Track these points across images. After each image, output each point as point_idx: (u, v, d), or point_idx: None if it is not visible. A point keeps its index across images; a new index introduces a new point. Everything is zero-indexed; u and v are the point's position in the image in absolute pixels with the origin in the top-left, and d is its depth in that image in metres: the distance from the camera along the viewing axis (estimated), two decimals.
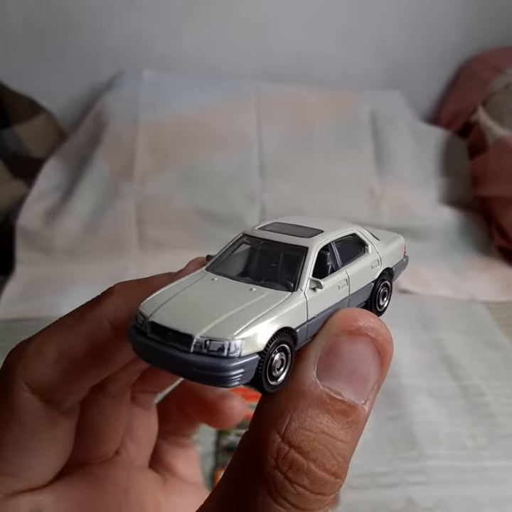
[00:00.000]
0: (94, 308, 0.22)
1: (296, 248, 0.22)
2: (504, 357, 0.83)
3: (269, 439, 0.16)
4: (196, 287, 0.21)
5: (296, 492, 0.16)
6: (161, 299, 0.20)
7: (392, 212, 1.12)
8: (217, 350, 0.18)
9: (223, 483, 0.18)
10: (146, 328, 0.19)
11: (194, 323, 0.19)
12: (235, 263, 0.23)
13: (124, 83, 1.24)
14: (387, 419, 0.71)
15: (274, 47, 1.34)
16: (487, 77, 1.28)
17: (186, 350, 0.18)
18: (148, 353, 0.19)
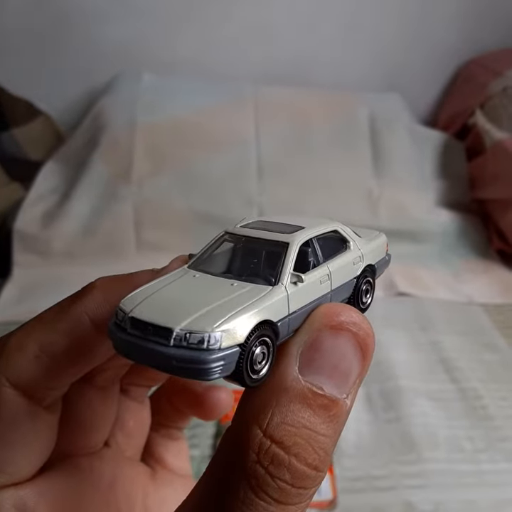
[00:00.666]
0: (75, 304, 0.22)
1: (277, 244, 0.22)
2: (502, 359, 0.83)
3: (250, 434, 0.17)
4: (177, 284, 0.21)
5: (278, 486, 0.16)
6: (141, 296, 0.20)
7: (390, 215, 1.12)
8: (197, 343, 0.18)
9: (204, 479, 0.18)
10: (126, 324, 0.19)
11: (174, 316, 0.19)
12: (217, 261, 0.23)
13: (122, 86, 1.24)
14: (385, 422, 0.71)
15: (273, 50, 1.34)
16: (485, 80, 1.28)
17: (166, 344, 0.18)
18: (129, 348, 0.19)
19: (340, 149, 1.19)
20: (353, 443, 0.68)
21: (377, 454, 0.67)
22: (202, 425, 0.70)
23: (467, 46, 1.38)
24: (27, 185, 1.13)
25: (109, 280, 0.23)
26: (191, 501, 0.18)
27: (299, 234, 0.23)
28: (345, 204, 1.12)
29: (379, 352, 0.82)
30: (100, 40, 1.29)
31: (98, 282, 0.23)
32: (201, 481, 0.18)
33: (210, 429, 0.69)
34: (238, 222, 0.25)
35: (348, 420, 0.62)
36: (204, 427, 0.69)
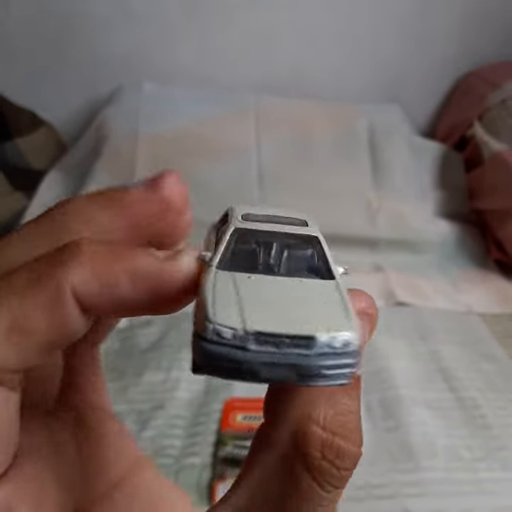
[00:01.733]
0: (54, 271, 0.18)
1: (307, 238, 0.21)
2: (500, 369, 0.84)
3: (309, 432, 0.17)
4: (246, 286, 0.18)
5: (341, 475, 0.17)
6: (226, 304, 0.17)
7: (389, 225, 1.13)
8: (342, 346, 0.17)
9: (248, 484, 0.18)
10: (244, 341, 0.16)
11: (304, 322, 0.17)
12: (243, 259, 0.20)
13: (124, 96, 1.26)
14: (384, 431, 0.71)
15: (274, 60, 1.36)
16: (483, 92, 1.29)
17: (308, 354, 0.16)
18: (258, 368, 0.17)
19: (339, 160, 1.21)
20: None
21: (376, 462, 0.67)
22: (201, 434, 0.70)
23: (466, 58, 1.40)
24: (30, 195, 1.14)
25: (101, 251, 0.18)
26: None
27: (316, 229, 0.22)
28: (345, 214, 1.13)
29: (378, 361, 0.83)
30: (103, 50, 1.30)
31: (86, 249, 0.18)
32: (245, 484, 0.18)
33: (210, 437, 0.70)
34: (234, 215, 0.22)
35: None
36: (205, 435, 0.70)
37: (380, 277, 1.05)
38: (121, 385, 0.76)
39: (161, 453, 0.67)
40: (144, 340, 0.86)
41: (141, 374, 0.78)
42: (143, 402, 0.74)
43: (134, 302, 0.18)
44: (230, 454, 0.67)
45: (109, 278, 0.18)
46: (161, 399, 0.74)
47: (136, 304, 0.18)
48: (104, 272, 0.18)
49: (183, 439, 0.69)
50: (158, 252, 0.19)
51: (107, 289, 0.18)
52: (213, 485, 0.63)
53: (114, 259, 0.18)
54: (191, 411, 0.73)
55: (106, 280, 0.18)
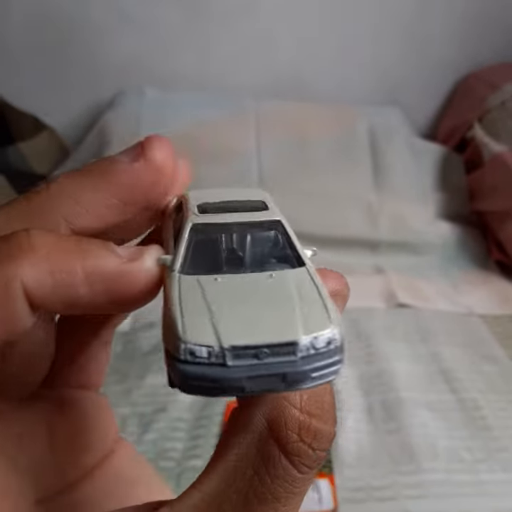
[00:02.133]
0: (3, 267, 0.16)
1: (268, 223, 0.20)
2: (501, 370, 0.84)
3: (285, 415, 0.16)
4: (214, 291, 0.17)
5: (318, 456, 0.17)
6: (196, 317, 0.16)
7: (390, 227, 1.13)
8: (326, 345, 0.16)
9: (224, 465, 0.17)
10: (221, 358, 0.15)
11: (281, 327, 0.16)
12: (205, 257, 0.19)
13: (126, 101, 1.27)
14: (386, 433, 0.72)
15: (274, 64, 1.37)
16: (483, 93, 1.30)
17: (294, 360, 0.16)
18: (241, 384, 0.16)
19: (340, 162, 1.21)
20: (354, 453, 0.69)
21: (377, 464, 0.67)
22: (203, 436, 0.71)
23: (466, 61, 1.40)
24: None
25: (54, 243, 0.17)
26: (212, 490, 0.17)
27: (276, 210, 0.21)
28: (346, 216, 1.14)
29: (379, 363, 0.83)
30: (104, 55, 1.31)
31: (40, 241, 0.17)
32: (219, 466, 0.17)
33: (212, 439, 0.70)
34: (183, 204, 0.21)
35: (349, 431, 0.63)
36: (206, 438, 0.70)
37: (381, 279, 1.05)
38: (123, 388, 0.77)
39: (163, 456, 0.67)
40: (146, 343, 0.86)
41: (144, 377, 0.79)
42: (145, 404, 0.74)
43: (90, 302, 0.17)
44: None
45: (63, 277, 0.16)
46: (163, 402, 0.75)
47: (91, 304, 0.17)
48: (59, 270, 0.16)
49: (185, 441, 0.70)
50: (120, 249, 0.18)
51: (62, 289, 0.16)
52: None
53: (70, 255, 0.17)
54: (193, 414, 0.74)
55: (60, 279, 0.16)
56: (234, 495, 0.17)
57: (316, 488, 0.63)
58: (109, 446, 0.24)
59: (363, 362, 0.83)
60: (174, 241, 0.20)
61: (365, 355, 0.85)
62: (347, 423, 0.72)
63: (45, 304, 0.17)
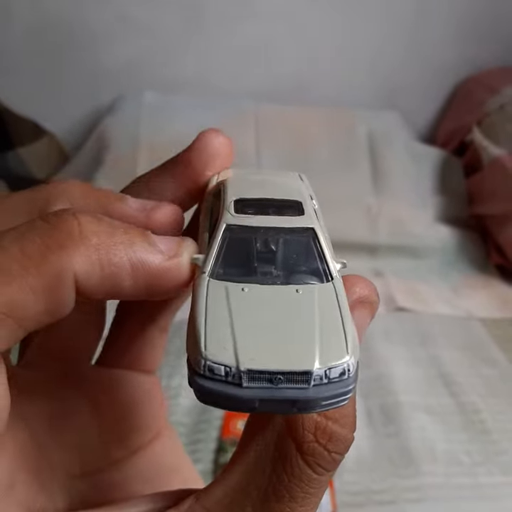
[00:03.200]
0: (55, 257, 0.16)
1: (301, 230, 0.20)
2: (500, 374, 0.84)
3: (302, 415, 0.17)
4: (239, 306, 0.17)
5: (333, 459, 0.17)
6: (218, 335, 0.17)
7: (389, 231, 1.13)
8: (339, 375, 0.16)
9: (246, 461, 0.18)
10: (237, 378, 0.16)
11: (298, 355, 0.16)
12: (236, 262, 0.19)
13: (126, 105, 1.27)
14: (385, 437, 0.72)
15: (274, 68, 1.37)
16: (482, 97, 1.30)
17: (306, 387, 0.16)
18: (253, 403, 0.16)
19: (339, 166, 1.21)
20: (353, 457, 0.68)
21: (376, 468, 0.67)
22: (202, 441, 0.70)
23: (465, 64, 1.41)
24: None
25: (102, 233, 0.17)
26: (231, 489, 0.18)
27: (312, 213, 0.21)
28: (345, 220, 1.14)
29: (378, 367, 0.83)
30: (104, 60, 1.32)
31: (90, 230, 0.17)
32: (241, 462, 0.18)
33: (211, 444, 0.70)
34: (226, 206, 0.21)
35: None
36: (206, 443, 0.70)
37: (380, 283, 1.05)
38: None
39: None
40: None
41: None
42: None
43: (130, 292, 0.18)
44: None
45: (112, 270, 0.17)
46: None
47: (131, 294, 0.18)
48: (109, 263, 0.17)
49: (184, 445, 0.70)
50: (159, 241, 0.18)
51: (109, 281, 0.17)
52: None
53: (118, 247, 0.17)
54: (192, 418, 0.74)
55: (109, 272, 0.17)
56: (254, 491, 0.17)
57: None
58: (155, 430, 0.25)
59: (362, 365, 0.82)
60: (209, 236, 0.20)
61: (364, 359, 0.84)
62: None
63: (91, 294, 0.17)
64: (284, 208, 0.21)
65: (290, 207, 0.21)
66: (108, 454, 0.23)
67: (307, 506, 0.17)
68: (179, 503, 0.18)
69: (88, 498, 0.22)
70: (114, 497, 0.23)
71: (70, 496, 0.21)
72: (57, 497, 0.21)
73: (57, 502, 0.21)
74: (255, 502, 0.17)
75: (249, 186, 0.22)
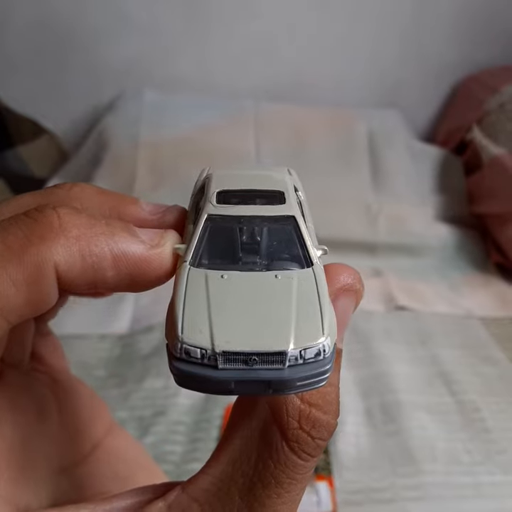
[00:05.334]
0: (35, 248, 0.16)
1: (281, 218, 0.20)
2: (500, 372, 0.84)
3: (286, 403, 0.17)
4: (217, 291, 0.18)
5: (317, 445, 0.17)
6: (195, 319, 0.17)
7: (389, 229, 1.13)
8: (315, 356, 0.16)
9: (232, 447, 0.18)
10: (213, 360, 0.16)
11: (273, 336, 0.17)
12: (220, 251, 0.19)
13: (125, 104, 1.27)
14: (385, 435, 0.72)
15: (274, 68, 1.37)
16: (482, 96, 1.30)
17: (281, 368, 0.16)
18: (229, 385, 0.16)
19: (339, 165, 1.21)
20: (353, 456, 0.69)
21: (376, 466, 0.67)
22: (202, 440, 0.71)
23: (464, 63, 1.40)
24: None
25: (83, 225, 0.17)
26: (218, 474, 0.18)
27: (293, 203, 0.21)
28: (345, 219, 1.14)
29: (378, 365, 0.83)
30: (104, 59, 1.31)
31: (70, 222, 0.17)
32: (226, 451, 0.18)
33: (211, 443, 0.70)
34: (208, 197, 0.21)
35: (348, 433, 0.63)
36: (206, 442, 0.70)
37: (380, 282, 1.05)
38: (122, 392, 0.77)
39: (162, 459, 0.67)
40: (144, 346, 0.86)
41: (142, 380, 0.79)
42: (144, 408, 0.74)
43: (113, 283, 0.18)
44: None
45: (93, 260, 0.17)
46: (162, 405, 0.75)
47: (114, 284, 0.18)
48: (90, 254, 0.17)
49: (184, 445, 0.70)
50: (140, 232, 0.18)
51: (90, 272, 0.17)
52: None
53: (99, 238, 0.17)
54: (192, 417, 0.74)
55: (90, 262, 0.17)
56: (240, 479, 0.17)
57: (315, 491, 0.63)
58: (107, 423, 0.25)
59: (362, 364, 0.83)
60: (193, 226, 0.20)
61: (363, 358, 0.85)
62: (346, 425, 0.72)
63: (73, 285, 0.17)
64: (266, 198, 0.21)
65: (272, 197, 0.21)
66: (78, 447, 0.23)
67: (293, 492, 0.17)
68: (166, 494, 0.18)
69: (70, 493, 0.22)
70: (91, 491, 0.23)
71: (53, 492, 0.21)
72: (42, 493, 0.21)
73: (42, 498, 0.21)
74: (242, 489, 0.17)
75: (232, 179, 0.22)
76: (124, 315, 0.94)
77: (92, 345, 0.86)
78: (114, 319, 0.92)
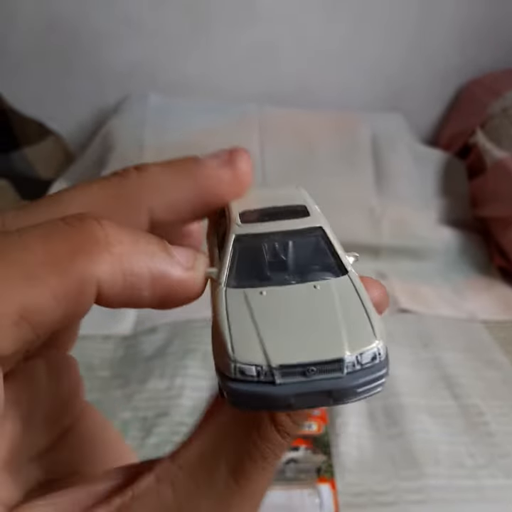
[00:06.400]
0: (79, 260, 0.16)
1: (310, 230, 0.20)
2: (503, 376, 0.84)
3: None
4: (260, 308, 0.18)
5: (296, 426, 0.18)
6: (244, 337, 0.17)
7: (392, 233, 1.14)
8: (371, 360, 0.16)
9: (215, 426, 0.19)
10: (269, 376, 0.16)
11: (327, 344, 0.16)
12: (250, 269, 0.19)
13: (131, 107, 1.28)
14: (387, 438, 0.72)
15: (278, 72, 1.37)
16: (486, 100, 1.30)
17: (340, 376, 0.16)
18: (292, 400, 0.16)
19: (343, 168, 1.21)
20: (355, 458, 0.69)
21: (379, 469, 0.67)
22: None
23: (468, 67, 1.41)
24: None
25: (130, 243, 0.17)
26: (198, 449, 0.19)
27: (317, 215, 0.21)
28: (348, 222, 1.14)
29: None
30: (110, 61, 1.32)
31: (115, 238, 0.17)
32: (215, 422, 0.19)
33: None
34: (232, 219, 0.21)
35: (350, 435, 0.63)
36: None
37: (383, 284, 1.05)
38: (125, 393, 0.77)
39: None
40: (148, 347, 0.86)
41: (146, 381, 0.79)
42: (147, 409, 0.75)
43: (147, 303, 0.18)
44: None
45: (133, 280, 0.17)
46: (165, 406, 0.75)
47: (147, 304, 0.18)
48: (131, 273, 0.17)
49: None
50: (178, 253, 0.18)
51: (129, 291, 0.17)
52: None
53: (140, 257, 0.17)
54: (195, 418, 0.73)
55: (130, 282, 0.17)
56: (229, 455, 0.18)
57: (317, 493, 0.63)
58: (80, 404, 0.25)
59: None
60: (218, 250, 0.20)
61: None
62: (348, 428, 0.72)
63: (109, 302, 0.17)
64: (289, 213, 0.21)
65: (295, 211, 0.21)
66: (49, 432, 0.23)
67: (275, 466, 0.18)
68: (153, 467, 0.18)
69: (49, 480, 0.22)
70: (67, 473, 0.23)
71: (27, 481, 0.21)
72: (25, 484, 0.21)
73: (20, 490, 0.20)
74: (229, 462, 0.18)
75: (250, 200, 0.22)
76: (128, 316, 0.94)
77: (95, 346, 0.87)
78: (117, 320, 0.93)
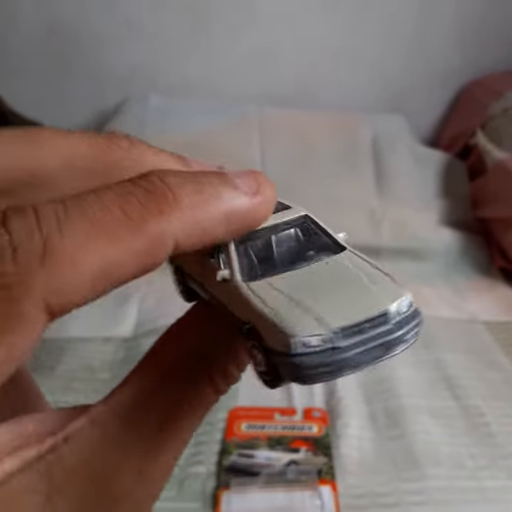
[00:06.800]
0: (155, 219, 0.16)
1: (299, 219, 0.21)
2: (504, 377, 0.84)
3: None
4: (289, 289, 0.18)
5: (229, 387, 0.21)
6: (291, 314, 0.17)
7: (393, 234, 1.14)
8: (408, 308, 0.18)
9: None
10: (334, 341, 0.17)
11: (368, 302, 0.17)
12: (258, 264, 0.20)
13: (131, 109, 1.28)
14: (388, 439, 0.72)
15: (278, 73, 1.38)
16: (486, 101, 1.30)
17: (390, 328, 0.17)
18: (356, 359, 0.17)
19: (343, 170, 1.21)
20: (356, 460, 0.68)
21: (380, 471, 0.67)
22: (206, 443, 0.71)
23: (468, 68, 1.41)
24: None
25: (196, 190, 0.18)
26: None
27: (297, 206, 0.22)
28: (349, 223, 1.13)
29: (382, 370, 0.83)
30: (110, 63, 1.32)
31: (181, 192, 0.17)
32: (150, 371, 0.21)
33: (214, 446, 0.70)
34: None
35: (352, 437, 0.63)
36: (209, 444, 0.70)
37: None
38: None
39: None
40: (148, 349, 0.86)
41: None
42: None
43: (221, 239, 0.19)
44: (234, 462, 0.67)
45: (207, 224, 0.17)
46: None
47: (220, 239, 0.19)
48: (203, 219, 0.17)
49: (188, 447, 0.69)
50: (240, 181, 0.19)
51: (205, 237, 0.18)
52: (218, 493, 0.63)
53: (209, 201, 0.18)
54: None
55: (205, 227, 0.17)
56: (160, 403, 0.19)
57: (318, 495, 0.63)
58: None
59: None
60: (213, 256, 0.21)
61: None
62: (349, 430, 0.72)
63: (185, 249, 0.18)
64: (280, 207, 0.22)
65: (275, 208, 0.22)
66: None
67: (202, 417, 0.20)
68: (88, 409, 0.18)
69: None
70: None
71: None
72: None
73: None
74: (160, 408, 0.19)
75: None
76: (129, 318, 0.94)
77: (96, 348, 0.87)
78: (118, 322, 0.93)
